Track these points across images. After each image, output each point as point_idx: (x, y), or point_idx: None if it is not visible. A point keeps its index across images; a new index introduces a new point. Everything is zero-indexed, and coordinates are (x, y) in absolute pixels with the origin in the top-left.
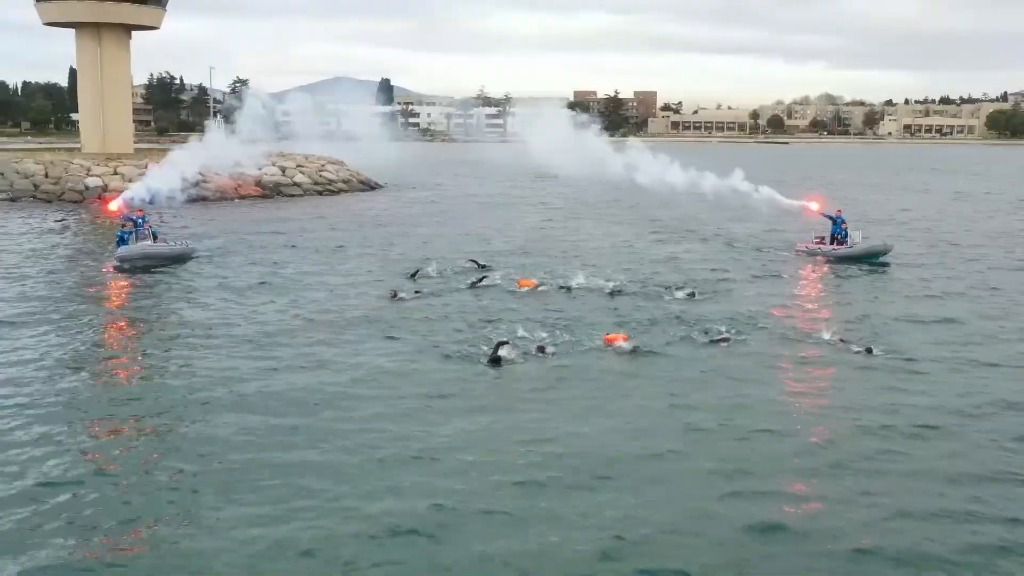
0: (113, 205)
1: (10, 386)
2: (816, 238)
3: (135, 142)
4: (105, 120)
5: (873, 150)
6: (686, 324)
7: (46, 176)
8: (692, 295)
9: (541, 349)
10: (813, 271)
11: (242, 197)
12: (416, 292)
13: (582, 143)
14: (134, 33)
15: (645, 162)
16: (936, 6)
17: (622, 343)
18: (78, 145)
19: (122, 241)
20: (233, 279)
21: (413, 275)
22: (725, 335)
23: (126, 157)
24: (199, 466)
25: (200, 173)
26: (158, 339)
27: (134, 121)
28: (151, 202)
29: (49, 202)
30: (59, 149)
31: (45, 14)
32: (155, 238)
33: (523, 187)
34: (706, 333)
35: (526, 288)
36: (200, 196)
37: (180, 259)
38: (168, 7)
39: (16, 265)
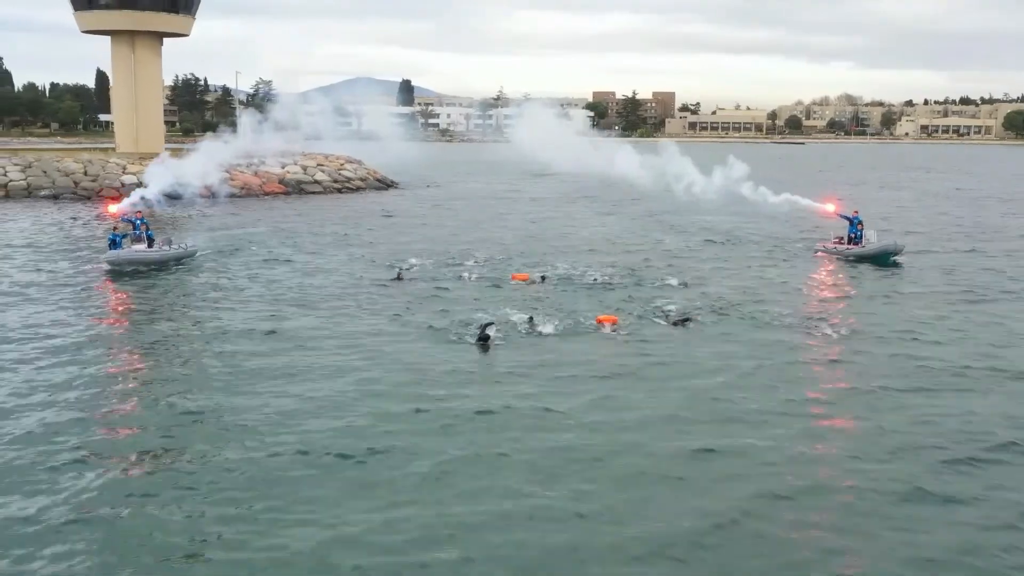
0: (114, 208)
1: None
2: (835, 238)
3: None
4: (138, 121)
5: (880, 150)
6: (687, 308)
7: (85, 174)
8: (684, 284)
9: (531, 324)
10: (819, 267)
11: (267, 193)
12: (411, 278)
13: (566, 141)
14: (165, 39)
15: (619, 157)
16: (963, 5)
17: (610, 324)
18: (109, 145)
19: (113, 244)
20: (245, 269)
21: (402, 270)
22: (687, 316)
23: (157, 156)
24: (204, 463)
25: (227, 171)
26: (156, 332)
27: None
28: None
29: (88, 199)
30: (95, 149)
31: (83, 22)
32: (151, 241)
33: (525, 183)
34: (678, 314)
35: (519, 282)
36: (228, 193)
37: (176, 261)
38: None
39: (30, 259)
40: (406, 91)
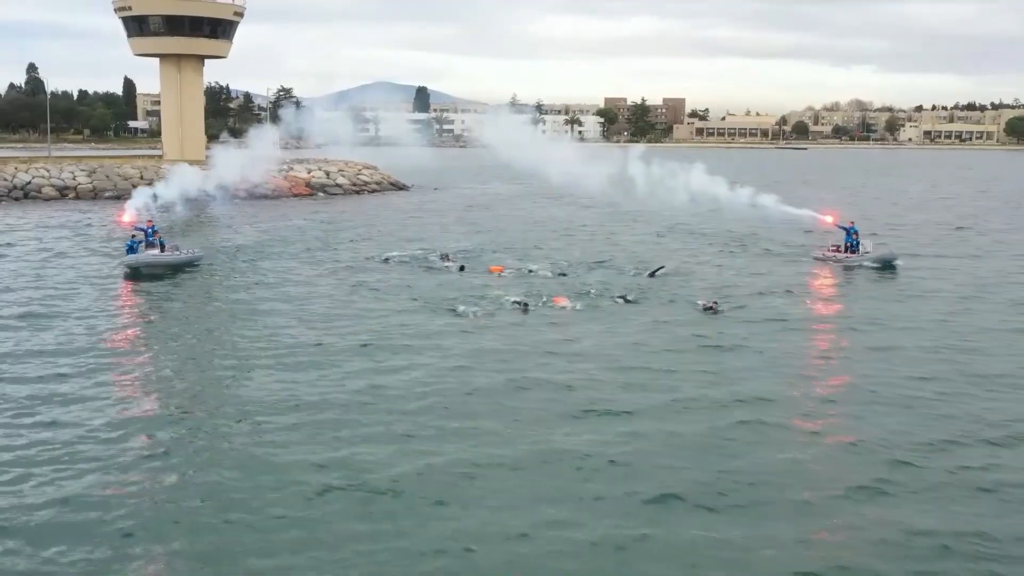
0: (126, 217)
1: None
2: (832, 246)
3: None
4: (183, 132)
5: (875, 155)
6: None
7: (141, 178)
8: (653, 274)
9: (522, 305)
10: (819, 272)
11: (295, 195)
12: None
13: (528, 144)
14: (205, 60)
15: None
16: (995, 8)
17: (565, 303)
18: (141, 151)
19: (131, 250)
20: (265, 263)
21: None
22: (627, 296)
23: (200, 162)
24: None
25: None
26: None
27: None
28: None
29: None
30: (146, 156)
31: (136, 47)
32: (163, 247)
33: (522, 185)
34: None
35: (496, 273)
36: (262, 194)
37: (188, 265)
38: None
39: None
40: (422, 98)
